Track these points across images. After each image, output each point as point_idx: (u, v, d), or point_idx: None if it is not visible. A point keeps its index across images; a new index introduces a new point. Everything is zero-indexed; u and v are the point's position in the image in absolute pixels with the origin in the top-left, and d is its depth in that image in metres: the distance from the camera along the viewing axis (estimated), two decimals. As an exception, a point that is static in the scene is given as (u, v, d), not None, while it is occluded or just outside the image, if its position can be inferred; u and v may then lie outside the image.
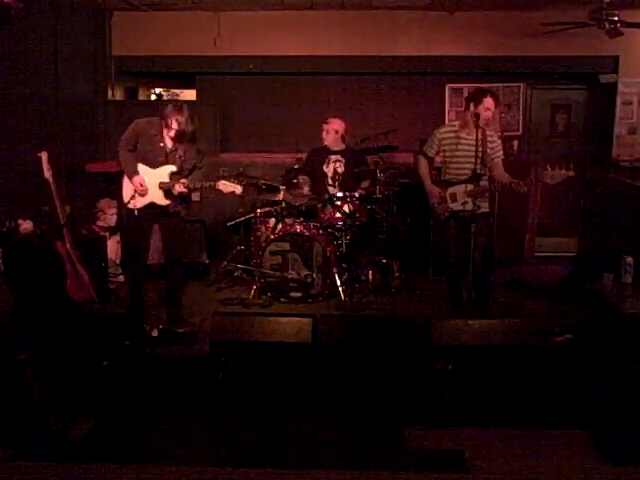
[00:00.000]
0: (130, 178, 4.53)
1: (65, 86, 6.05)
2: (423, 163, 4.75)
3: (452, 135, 4.56)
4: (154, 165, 4.55)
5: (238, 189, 4.64)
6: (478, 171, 4.33)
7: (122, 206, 4.73)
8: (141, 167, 4.55)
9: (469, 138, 4.44)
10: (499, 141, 4.56)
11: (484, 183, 4.38)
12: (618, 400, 3.32)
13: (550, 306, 5.14)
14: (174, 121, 4.42)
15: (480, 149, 4.35)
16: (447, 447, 3.25)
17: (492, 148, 4.46)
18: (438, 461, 3.13)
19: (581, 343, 4.02)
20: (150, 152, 4.54)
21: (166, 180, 4.54)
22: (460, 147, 4.50)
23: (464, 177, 4.46)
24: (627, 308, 3.45)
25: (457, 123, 4.66)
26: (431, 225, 5.96)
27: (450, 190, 4.52)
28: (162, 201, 4.57)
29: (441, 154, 4.63)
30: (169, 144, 4.56)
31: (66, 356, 3.66)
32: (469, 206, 4.34)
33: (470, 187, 4.37)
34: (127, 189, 4.63)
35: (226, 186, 4.59)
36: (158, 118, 4.55)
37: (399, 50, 6.94)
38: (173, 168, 4.56)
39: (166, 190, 4.54)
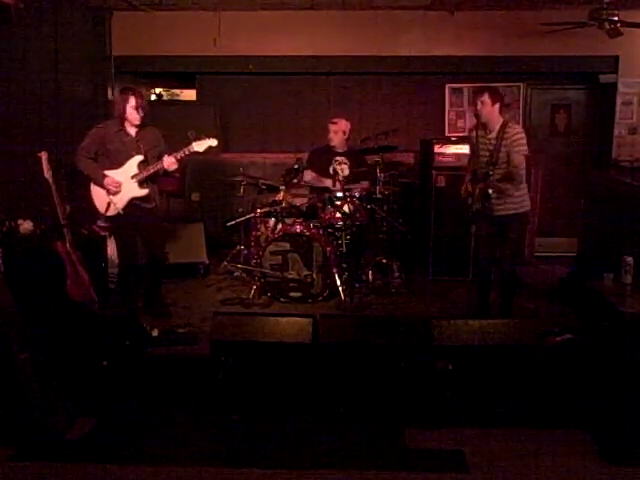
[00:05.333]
0: (102, 183, 4.55)
1: (65, 86, 6.04)
2: (468, 163, 4.79)
3: (474, 135, 4.55)
4: (122, 162, 4.57)
5: (213, 142, 4.67)
6: (483, 168, 4.37)
7: (110, 217, 4.75)
8: (109, 172, 4.57)
9: (486, 137, 4.47)
10: (518, 135, 4.37)
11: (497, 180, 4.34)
12: (618, 400, 3.32)
13: (550, 306, 5.15)
14: (132, 99, 4.48)
15: (491, 147, 4.39)
16: (447, 447, 3.25)
17: (507, 144, 4.35)
18: (438, 461, 3.13)
19: (581, 343, 4.02)
20: (122, 151, 4.57)
21: (136, 171, 4.58)
22: (479, 147, 4.49)
23: (480, 175, 4.44)
24: (627, 308, 3.45)
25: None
26: (431, 226, 5.98)
27: (474, 189, 4.48)
28: (140, 192, 4.61)
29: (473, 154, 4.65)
30: (133, 134, 4.61)
31: (66, 356, 3.66)
32: (478, 205, 4.35)
33: (481, 185, 4.38)
34: (99, 200, 4.66)
35: (201, 145, 4.63)
36: (115, 118, 4.62)
37: (399, 50, 6.94)
38: (140, 158, 4.60)
39: (140, 181, 4.58)
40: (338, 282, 5.13)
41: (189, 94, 8.21)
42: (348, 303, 5.05)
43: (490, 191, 4.30)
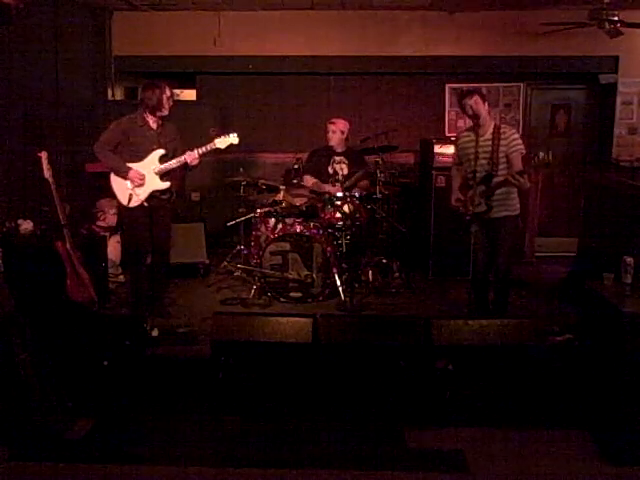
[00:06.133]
0: (126, 175, 4.59)
1: (65, 86, 6.04)
2: (454, 172, 4.79)
3: (468, 140, 4.54)
4: (143, 155, 4.62)
5: (235, 139, 4.73)
6: (481, 171, 4.36)
7: (123, 209, 4.78)
8: (131, 165, 4.61)
9: (480, 140, 4.43)
10: (514, 136, 4.40)
11: (498, 181, 4.32)
12: (618, 400, 3.31)
13: (550, 306, 5.15)
14: (167, 89, 4.59)
15: (488, 149, 4.37)
16: (447, 447, 3.25)
17: (506, 144, 4.37)
18: (438, 461, 3.13)
19: (581, 343, 4.02)
20: (142, 143, 4.62)
21: (158, 165, 4.64)
22: (474, 150, 4.45)
23: (478, 179, 4.42)
24: (627, 308, 3.44)
25: (472, 127, 4.58)
26: (431, 226, 5.98)
27: (469, 193, 4.48)
28: (162, 184, 4.67)
29: (462, 160, 4.62)
30: (155, 128, 4.67)
31: (66, 356, 3.66)
32: (482, 207, 4.35)
33: (482, 188, 4.37)
34: (120, 191, 4.68)
35: (223, 142, 4.70)
36: (136, 112, 4.66)
37: (399, 50, 6.94)
38: (161, 152, 4.65)
39: (161, 174, 4.64)
40: (338, 282, 5.13)
41: (189, 94, 8.21)
42: (348, 303, 5.05)
43: (499, 190, 4.32)
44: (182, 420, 3.53)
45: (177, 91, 8.72)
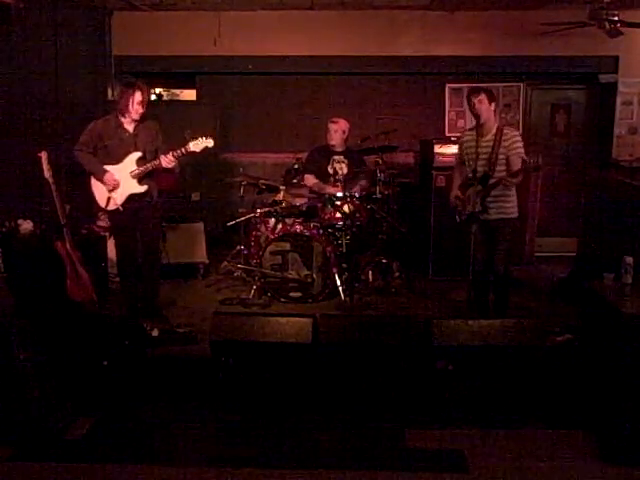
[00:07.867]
0: (101, 178, 4.54)
1: (65, 86, 6.04)
2: (456, 171, 4.79)
3: (470, 139, 4.54)
4: (120, 158, 4.56)
5: (210, 142, 4.62)
6: (480, 171, 4.36)
7: (103, 211, 4.75)
8: (108, 168, 4.57)
9: (482, 140, 4.43)
10: (516, 138, 4.39)
11: (494, 182, 4.32)
12: (618, 400, 3.31)
13: (550, 306, 5.15)
14: (138, 94, 4.47)
15: (489, 149, 4.37)
16: (447, 447, 3.25)
17: (506, 146, 4.36)
18: (438, 461, 3.13)
19: (581, 343, 4.02)
20: (117, 145, 4.56)
21: (134, 168, 4.57)
22: (474, 150, 4.45)
23: (476, 179, 4.42)
24: (627, 308, 3.44)
25: (474, 127, 4.58)
26: (431, 226, 5.98)
27: (467, 193, 4.49)
28: (139, 188, 4.61)
29: (464, 159, 4.62)
30: (131, 130, 4.60)
31: (66, 356, 3.66)
32: (477, 207, 4.36)
33: (479, 188, 4.38)
34: (99, 194, 4.64)
35: (198, 145, 4.59)
36: (113, 113, 4.61)
37: (399, 50, 6.94)
38: (138, 154, 4.59)
39: (140, 178, 4.58)
40: (338, 282, 5.13)
41: (189, 94, 8.22)
42: (348, 303, 5.05)
43: (495, 193, 4.32)
44: (182, 420, 3.53)
45: (177, 91, 8.74)
